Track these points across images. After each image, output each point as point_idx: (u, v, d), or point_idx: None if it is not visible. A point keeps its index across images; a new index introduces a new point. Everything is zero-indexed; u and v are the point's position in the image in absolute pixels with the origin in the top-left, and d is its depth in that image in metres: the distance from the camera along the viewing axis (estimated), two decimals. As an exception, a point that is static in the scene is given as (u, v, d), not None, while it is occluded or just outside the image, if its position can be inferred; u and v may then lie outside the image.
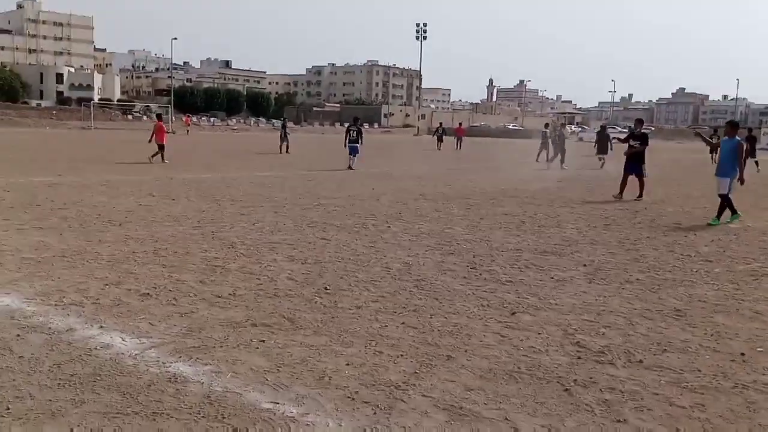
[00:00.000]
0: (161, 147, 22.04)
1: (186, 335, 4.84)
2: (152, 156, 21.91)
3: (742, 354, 4.79)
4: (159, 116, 25.27)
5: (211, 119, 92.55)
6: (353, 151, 22.41)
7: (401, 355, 4.55)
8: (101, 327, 4.95)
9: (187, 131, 62.48)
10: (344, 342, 4.78)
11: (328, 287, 6.27)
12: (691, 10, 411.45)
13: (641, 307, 5.99)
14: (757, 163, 27.37)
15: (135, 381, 4.00)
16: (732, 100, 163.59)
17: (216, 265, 7.06)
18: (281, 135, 31.90)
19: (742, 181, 11.58)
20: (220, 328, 5.00)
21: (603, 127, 31.91)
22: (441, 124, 51.76)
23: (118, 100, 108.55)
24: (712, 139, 21.73)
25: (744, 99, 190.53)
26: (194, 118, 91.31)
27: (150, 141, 22.49)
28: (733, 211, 11.49)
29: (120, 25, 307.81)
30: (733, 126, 11.98)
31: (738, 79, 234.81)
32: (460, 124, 56.80)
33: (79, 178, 15.94)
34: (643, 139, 15.25)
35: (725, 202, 11.51)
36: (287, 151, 30.37)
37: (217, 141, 46.43)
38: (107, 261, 7.11)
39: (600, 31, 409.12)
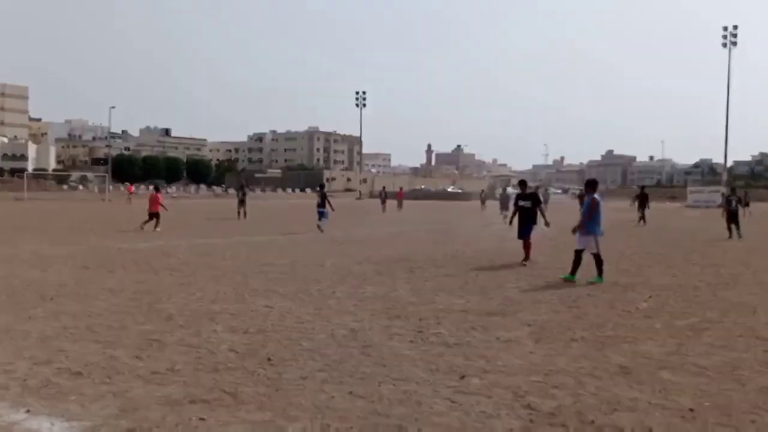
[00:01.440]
0: (154, 215, 22.85)
1: (120, 416, 4.56)
2: (143, 223, 22.59)
3: (691, 410, 4.81)
4: (156, 188, 26.60)
5: (150, 187, 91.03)
6: (322, 215, 23.04)
7: (350, 428, 4.38)
8: (28, 411, 4.63)
9: (129, 200, 61.09)
10: (289, 416, 4.58)
11: (271, 358, 6.06)
12: (618, 76, 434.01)
13: (588, 365, 5.99)
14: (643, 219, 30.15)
15: (63, 469, 3.71)
16: (658, 160, 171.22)
17: (153, 339, 6.76)
18: (239, 200, 32.15)
19: (574, 231, 11.84)
20: (157, 407, 4.74)
21: (504, 189, 35.84)
22: (384, 188, 54.18)
23: (54, 170, 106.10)
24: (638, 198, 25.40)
25: (669, 159, 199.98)
26: (132, 187, 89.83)
27: (149, 210, 23.29)
28: (573, 271, 11.41)
29: (56, 94, 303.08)
30: (589, 185, 12.30)
31: (663, 141, 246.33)
32: (401, 188, 60.40)
33: (10, 250, 15.26)
34: (534, 199, 14.64)
35: (597, 260, 11.46)
36: (245, 217, 30.40)
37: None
38: (37, 338, 6.72)
39: (533, 97, 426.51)
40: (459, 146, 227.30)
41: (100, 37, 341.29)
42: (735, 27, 69.42)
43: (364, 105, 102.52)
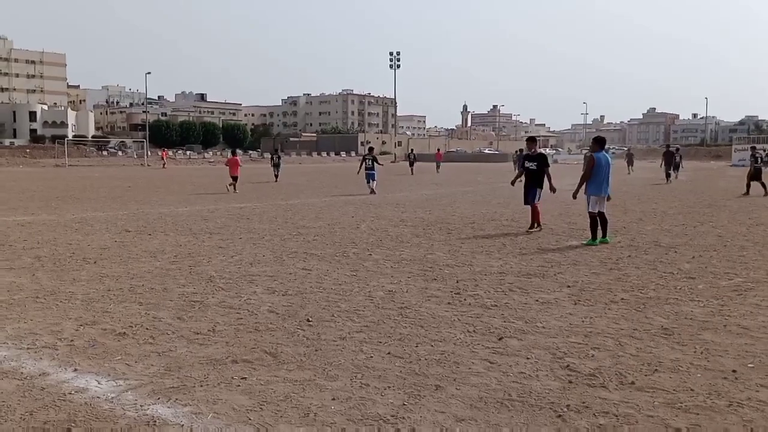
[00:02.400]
0: (235, 178, 24.79)
1: (164, 375, 4.67)
2: (229, 185, 24.63)
3: (734, 371, 4.72)
4: (234, 152, 29.37)
5: (187, 152, 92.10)
6: (371, 177, 24.40)
7: (388, 387, 4.41)
8: (75, 370, 4.76)
9: (164, 165, 62.06)
10: (329, 376, 4.63)
11: (310, 319, 6.13)
12: (660, 35, 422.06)
13: (628, 327, 5.92)
14: (676, 176, 33.10)
15: (111, 426, 3.82)
16: (702, 118, 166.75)
17: (194, 300, 6.88)
18: (274, 164, 33.63)
19: (574, 195, 11.44)
20: (200, 367, 4.83)
21: (520, 150, 37.19)
22: (412, 150, 53.51)
23: (93, 137, 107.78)
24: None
25: (713, 117, 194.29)
26: (170, 152, 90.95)
27: (231, 173, 25.28)
28: (594, 234, 11.07)
29: (93, 61, 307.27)
30: (596, 141, 11.61)
31: (707, 98, 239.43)
32: (438, 150, 58.62)
33: (53, 216, 15.63)
34: (540, 160, 13.17)
35: (593, 221, 11.12)
36: (276, 180, 31.83)
37: (194, 174, 46.10)
38: (82, 301, 6.90)
39: (572, 55, 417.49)
40: (495, 106, 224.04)
41: (135, 4, 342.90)
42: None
43: (398, 66, 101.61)
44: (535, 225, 12.99)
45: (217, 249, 10.40)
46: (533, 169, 13.13)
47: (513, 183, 14.48)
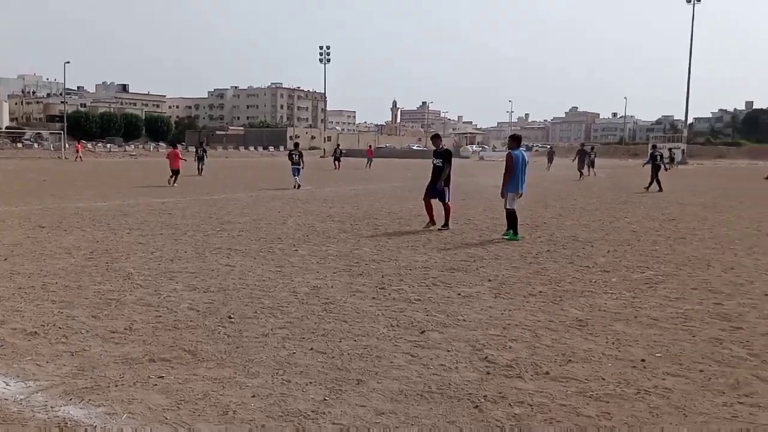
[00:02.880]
0: (175, 171, 24.94)
1: (77, 375, 4.51)
2: (170, 178, 24.75)
3: (642, 360, 4.94)
4: (174, 145, 29.87)
5: (108, 145, 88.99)
6: (297, 172, 24.81)
7: (310, 383, 4.41)
8: (-20, 372, 4.54)
9: (79, 158, 59.62)
10: (250, 373, 4.59)
11: (232, 316, 6.04)
12: (582, 35, 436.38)
13: (545, 319, 6.11)
14: (594, 173, 35.39)
15: (20, 429, 3.67)
16: (621, 117, 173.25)
17: (111, 298, 6.67)
18: (198, 157, 33.60)
19: (503, 194, 11.45)
20: (115, 366, 4.69)
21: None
22: (339, 145, 53.67)
23: (7, 128, 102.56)
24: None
25: (632, 117, 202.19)
26: (89, 145, 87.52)
27: (171, 166, 25.37)
28: (515, 230, 11.35)
29: (9, 49, 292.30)
30: (513, 139, 11.87)
31: (626, 98, 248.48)
32: (370, 146, 59.53)
33: (-40, 211, 14.82)
34: (445, 156, 12.80)
35: (509, 217, 11.45)
36: (200, 174, 31.52)
37: (114, 168, 44.63)
38: (-11, 299, 6.58)
39: (498, 55, 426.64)
40: (424, 103, 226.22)
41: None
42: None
43: (329, 60, 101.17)
44: (434, 223, 12.64)
45: (136, 245, 10.11)
46: (439, 165, 12.74)
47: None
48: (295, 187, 23.81)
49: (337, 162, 45.15)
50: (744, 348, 5.28)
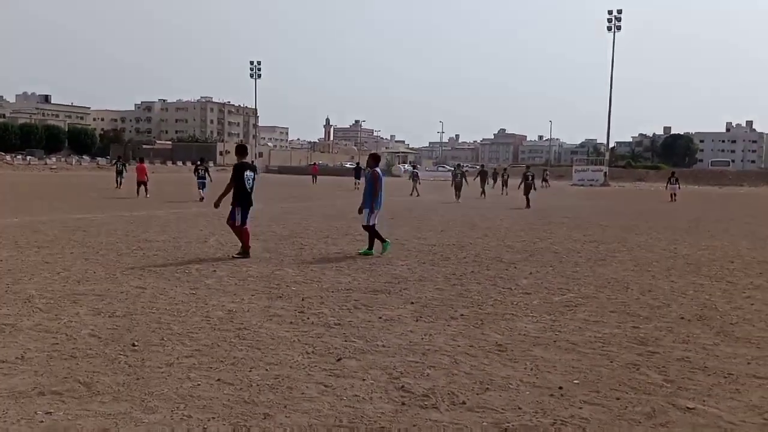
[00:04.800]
0: (142, 183, 27.57)
1: (-47, 413, 4.08)
2: (138, 189, 27.25)
3: (560, 387, 4.87)
4: (141, 159, 31.55)
5: (27, 157, 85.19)
6: (202, 186, 26.50)
7: (212, 418, 4.12)
8: None
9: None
10: (147, 408, 4.26)
11: (135, 343, 5.66)
12: (506, 60, 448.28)
13: (465, 344, 5.99)
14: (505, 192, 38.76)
15: None
16: (547, 140, 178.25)
17: (5, 323, 6.17)
18: (117, 170, 34.46)
19: (360, 210, 11.91)
20: (-1, 401, 4.28)
21: (357, 163, 47.70)
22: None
23: None
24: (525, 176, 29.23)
25: (557, 139, 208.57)
26: (8, 157, 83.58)
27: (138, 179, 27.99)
28: (382, 240, 11.76)
29: None
30: (373, 158, 12.24)
31: (551, 121, 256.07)
32: (315, 163, 61.26)
33: None
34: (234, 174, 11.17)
35: (372, 233, 11.77)
36: (120, 186, 32.45)
37: (32, 182, 42.65)
38: None
39: (427, 73, 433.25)
40: (357, 121, 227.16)
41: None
42: (619, 11, 72.51)
43: (260, 76, 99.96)
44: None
45: (42, 264, 9.51)
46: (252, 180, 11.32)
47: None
48: (199, 199, 25.11)
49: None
50: (660, 374, 5.29)
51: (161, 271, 9.33)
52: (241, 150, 11.96)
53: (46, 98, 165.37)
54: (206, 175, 27.19)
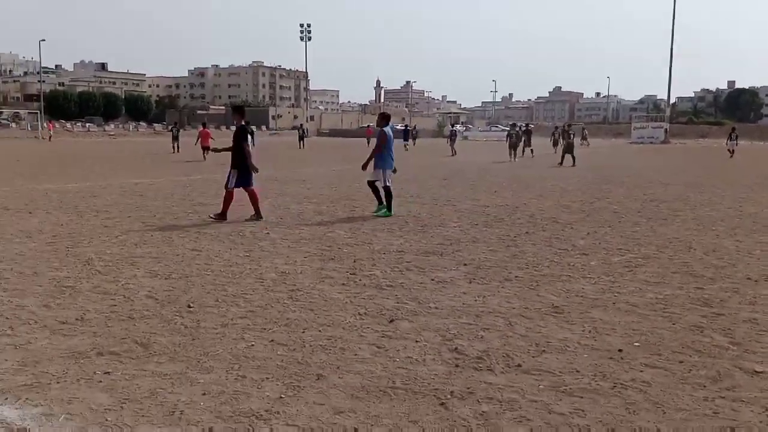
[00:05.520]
0: (206, 148, 26.75)
1: (18, 371, 4.20)
2: (205, 153, 27.47)
3: (620, 350, 4.71)
4: (204, 124, 33.41)
5: (87, 125, 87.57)
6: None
7: (266, 378, 4.12)
8: None
9: (49, 137, 58.88)
10: (203, 368, 4.29)
11: (191, 305, 5.73)
12: (564, 11, 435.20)
13: (520, 305, 5.86)
14: (532, 151, 34.79)
15: (-59, 435, 3.37)
16: (604, 97, 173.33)
17: (66, 285, 6.33)
18: (173, 136, 36.52)
19: (364, 166, 11.84)
20: (60, 360, 4.38)
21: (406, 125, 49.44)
22: (302, 125, 54.97)
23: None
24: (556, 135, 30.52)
25: (615, 96, 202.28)
26: (68, 124, 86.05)
27: (196, 144, 29.78)
28: (380, 201, 11.61)
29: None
30: (382, 117, 11.99)
31: (609, 77, 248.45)
32: (369, 126, 62.26)
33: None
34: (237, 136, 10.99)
35: (386, 192, 11.58)
36: (178, 151, 34.17)
37: (91, 148, 43.84)
38: (-64, 287, 6.22)
39: (480, 32, 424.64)
40: (408, 82, 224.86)
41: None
42: (681, -37, 69.48)
43: (309, 38, 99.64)
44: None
45: (101, 228, 9.73)
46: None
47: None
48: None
49: (301, 142, 46.70)
50: (725, 336, 5.06)
51: (215, 233, 9.44)
52: (238, 110, 11.55)
53: (103, 66, 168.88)
54: (252, 138, 27.62)
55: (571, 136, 28.69)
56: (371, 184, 11.80)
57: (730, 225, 10.85)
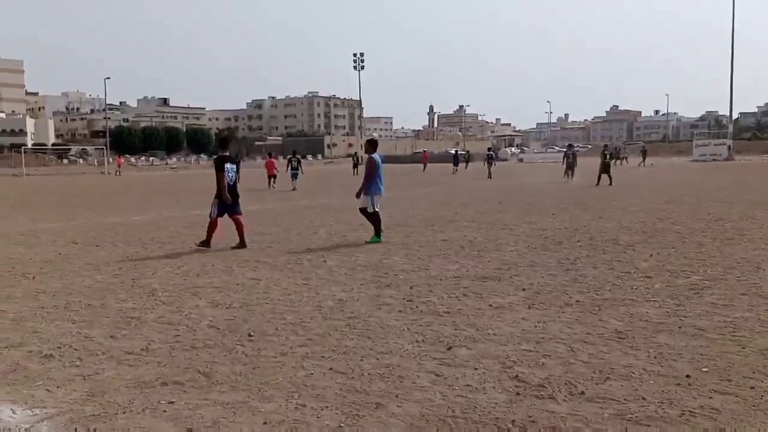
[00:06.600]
0: (272, 177, 30.31)
1: (86, 402, 4.33)
2: (270, 184, 29.89)
3: (688, 376, 4.55)
4: (270, 154, 35.35)
5: (150, 158, 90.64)
6: (294, 177, 29.38)
7: (326, 407, 4.14)
8: (-11, 399, 4.40)
9: (118, 172, 61.41)
10: (264, 396, 4.34)
11: (252, 333, 5.82)
12: (618, 29, 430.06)
13: (582, 331, 5.74)
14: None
15: (16, 463, 3.49)
16: (663, 115, 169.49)
17: (131, 316, 6.52)
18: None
19: (358, 195, 11.68)
20: (126, 390, 4.51)
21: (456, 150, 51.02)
22: (356, 153, 55.66)
23: (53, 144, 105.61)
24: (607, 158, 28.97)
25: (675, 113, 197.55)
26: (133, 159, 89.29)
27: (268, 173, 31.03)
28: (376, 231, 11.53)
29: (52, 67, 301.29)
30: (370, 144, 11.98)
31: (668, 95, 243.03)
32: (425, 151, 63.26)
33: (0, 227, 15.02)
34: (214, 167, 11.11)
35: (374, 219, 11.58)
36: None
37: (155, 181, 45.27)
38: (11, 320, 6.49)
39: (534, 52, 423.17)
40: (461, 107, 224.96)
41: (93, 8, 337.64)
42: (739, -25, 67.80)
43: (362, 67, 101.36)
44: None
45: (165, 259, 10.01)
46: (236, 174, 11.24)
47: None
48: (292, 189, 28.16)
49: (355, 169, 46.96)
50: (800, 361, 4.83)
51: (274, 262, 9.59)
52: (222, 142, 11.97)
53: (165, 101, 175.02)
54: (299, 167, 29.68)
55: (607, 156, 29.43)
56: (363, 211, 11.74)
57: (802, 243, 10.39)
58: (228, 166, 11.08)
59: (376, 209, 11.62)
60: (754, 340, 5.38)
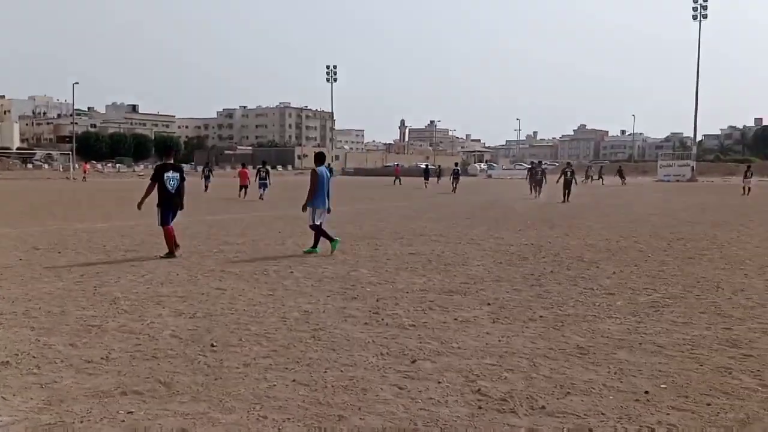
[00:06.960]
0: (244, 187, 30.26)
1: (42, 410, 4.24)
2: (240, 192, 29.98)
3: (646, 392, 4.63)
4: (243, 165, 34.56)
5: (117, 165, 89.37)
6: (263, 186, 29.58)
7: (288, 419, 4.12)
8: (-60, 407, 4.28)
9: (84, 178, 60.65)
10: (225, 408, 4.30)
11: (215, 344, 5.76)
12: (587, 48, 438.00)
13: (544, 346, 5.80)
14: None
15: (-33, 473, 3.40)
16: (629, 135, 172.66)
17: (92, 324, 6.41)
18: (205, 176, 36.78)
19: (304, 208, 11.72)
20: (84, 399, 4.42)
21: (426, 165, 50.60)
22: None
23: (17, 149, 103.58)
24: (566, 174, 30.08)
25: (641, 134, 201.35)
26: (99, 165, 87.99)
27: (240, 183, 30.87)
28: (330, 239, 11.56)
29: (19, 70, 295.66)
30: (317, 157, 12.12)
31: (634, 115, 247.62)
32: (397, 165, 63.56)
33: (-42, 233, 14.66)
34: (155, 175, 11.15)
35: (318, 232, 11.59)
36: (206, 191, 34.66)
37: (121, 188, 44.64)
38: (-33, 326, 6.33)
39: (503, 71, 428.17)
40: (432, 122, 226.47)
41: (63, 10, 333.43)
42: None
43: (335, 80, 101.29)
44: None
45: (128, 267, 9.86)
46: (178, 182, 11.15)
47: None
48: (259, 197, 28.54)
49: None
50: (754, 378, 4.95)
51: (240, 272, 9.52)
52: (165, 151, 12.51)
53: (134, 108, 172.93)
54: (267, 177, 30.10)
55: (568, 174, 30.59)
56: (316, 227, 11.65)
57: (758, 264, 10.66)
58: (169, 174, 11.05)
59: (318, 222, 11.51)
60: (711, 357, 5.49)
